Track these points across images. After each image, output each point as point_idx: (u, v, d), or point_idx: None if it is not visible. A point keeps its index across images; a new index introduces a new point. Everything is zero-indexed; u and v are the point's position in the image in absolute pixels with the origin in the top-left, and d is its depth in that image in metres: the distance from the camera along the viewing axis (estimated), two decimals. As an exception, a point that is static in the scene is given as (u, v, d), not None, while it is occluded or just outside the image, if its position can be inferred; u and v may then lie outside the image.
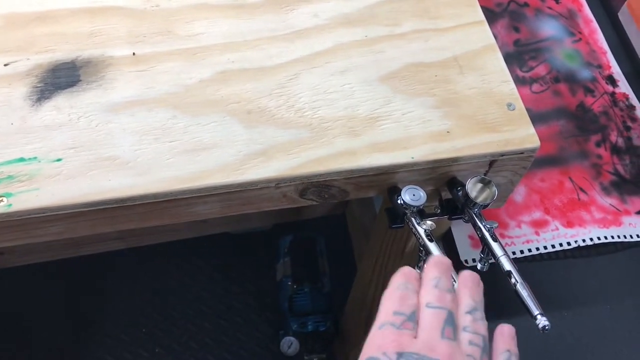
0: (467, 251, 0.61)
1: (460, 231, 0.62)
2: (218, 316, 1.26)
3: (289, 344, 1.14)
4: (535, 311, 0.41)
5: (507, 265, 0.45)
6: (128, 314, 1.24)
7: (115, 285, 1.26)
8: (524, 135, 0.51)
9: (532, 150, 0.51)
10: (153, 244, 1.24)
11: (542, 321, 0.41)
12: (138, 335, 1.23)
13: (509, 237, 0.62)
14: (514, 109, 0.52)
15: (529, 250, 0.62)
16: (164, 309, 1.25)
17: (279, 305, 1.22)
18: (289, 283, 1.20)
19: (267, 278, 1.29)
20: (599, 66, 0.76)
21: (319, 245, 1.23)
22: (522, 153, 0.51)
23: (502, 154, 0.50)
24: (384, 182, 0.51)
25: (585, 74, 0.75)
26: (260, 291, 1.28)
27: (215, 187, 0.46)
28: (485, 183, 0.48)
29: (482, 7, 0.59)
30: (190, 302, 1.27)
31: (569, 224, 0.64)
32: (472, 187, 0.48)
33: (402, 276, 0.38)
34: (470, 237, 0.62)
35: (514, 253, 0.61)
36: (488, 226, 0.47)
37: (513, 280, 0.44)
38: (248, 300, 1.28)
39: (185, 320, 1.25)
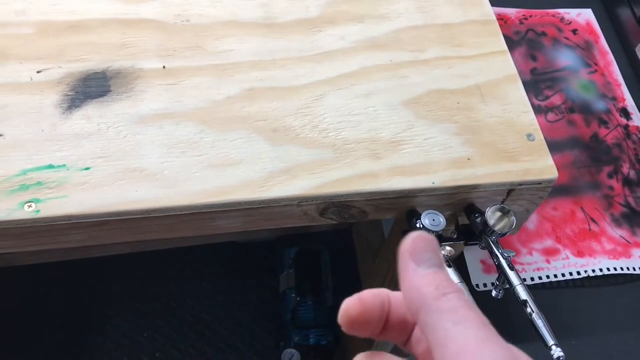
0: (479, 276, 0.62)
1: (473, 255, 0.63)
2: (219, 324, 1.26)
3: (290, 355, 1.15)
4: (551, 341, 0.42)
5: (524, 295, 0.45)
6: (129, 318, 1.25)
7: (117, 289, 1.27)
8: (542, 166, 0.52)
9: (550, 181, 0.52)
10: (158, 250, 1.25)
11: (557, 352, 0.41)
12: (139, 339, 1.24)
13: (520, 263, 0.63)
14: (533, 140, 0.53)
15: (539, 277, 0.63)
16: (165, 314, 1.26)
17: (281, 316, 1.23)
18: (293, 295, 1.20)
19: (269, 288, 1.29)
20: (614, 98, 0.77)
21: (323, 258, 1.24)
22: (540, 183, 0.52)
23: (521, 184, 0.51)
24: (404, 205, 0.51)
25: (599, 105, 0.76)
26: (262, 301, 1.29)
27: (239, 203, 0.47)
28: (504, 212, 0.49)
29: (503, 36, 0.60)
30: (192, 308, 1.27)
31: (580, 254, 0.65)
32: (491, 215, 0.49)
33: None
34: (482, 262, 0.63)
35: (524, 280, 0.62)
36: (505, 254, 0.48)
37: (529, 310, 0.44)
38: (250, 310, 1.28)
39: (185, 327, 1.25)
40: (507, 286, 0.48)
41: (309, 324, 1.18)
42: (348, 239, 1.31)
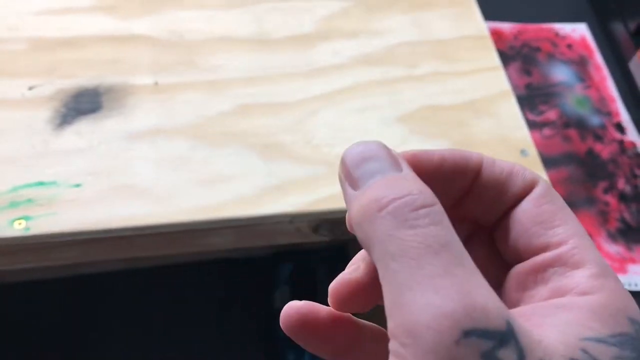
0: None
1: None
2: (213, 341, 1.25)
3: (285, 373, 1.14)
4: None
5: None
6: (123, 336, 1.23)
7: (111, 306, 1.26)
8: (537, 182, 0.52)
9: (545, 197, 0.51)
10: (152, 266, 1.24)
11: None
12: (132, 358, 1.23)
13: (516, 280, 0.63)
14: (527, 155, 0.53)
15: (535, 294, 0.62)
16: (159, 331, 1.25)
17: (276, 333, 1.22)
18: (288, 311, 1.19)
19: (264, 305, 1.28)
20: (608, 113, 0.77)
21: (319, 275, 1.23)
22: (534, 199, 0.51)
23: (515, 200, 0.51)
24: (397, 221, 0.51)
25: (594, 120, 0.76)
26: (257, 319, 1.28)
27: (231, 220, 0.47)
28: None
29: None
30: (186, 326, 1.26)
31: (575, 270, 0.64)
32: (485, 232, 0.49)
33: None
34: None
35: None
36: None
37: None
38: (244, 327, 1.28)
39: (180, 345, 1.24)
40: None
41: (305, 341, 1.17)
42: (343, 254, 1.30)
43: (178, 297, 1.28)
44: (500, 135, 0.54)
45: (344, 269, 0.29)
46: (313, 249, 1.30)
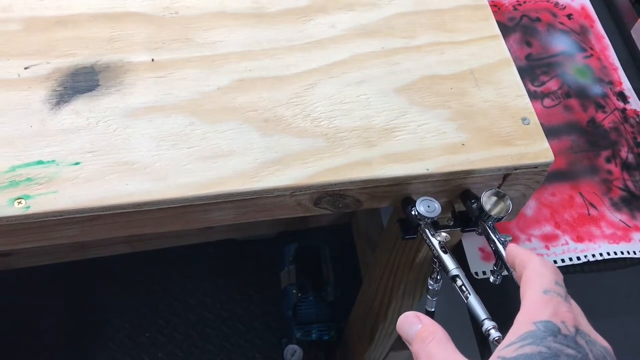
0: (478, 264, 0.61)
1: (471, 243, 0.62)
2: (221, 323, 1.26)
3: (293, 351, 1.14)
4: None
5: (521, 279, 0.45)
6: (131, 319, 1.24)
7: (119, 290, 1.26)
8: (538, 150, 0.51)
9: (546, 165, 0.51)
10: (158, 249, 1.25)
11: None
12: (141, 340, 1.24)
13: (519, 250, 0.62)
14: (528, 123, 0.53)
15: (539, 264, 0.62)
16: (167, 314, 1.26)
17: (282, 313, 1.22)
18: (294, 291, 1.20)
19: (270, 285, 1.29)
20: (610, 82, 0.76)
21: (323, 254, 1.23)
22: (536, 167, 0.51)
23: (516, 168, 0.51)
24: (398, 192, 0.51)
25: (596, 89, 0.75)
26: (263, 298, 1.29)
27: (231, 194, 0.47)
28: (500, 196, 0.49)
29: (495, 21, 0.59)
30: (193, 307, 1.27)
31: (579, 239, 0.64)
32: (487, 200, 0.49)
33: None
34: (481, 250, 0.62)
35: (523, 266, 0.61)
36: (502, 239, 0.48)
37: (527, 294, 0.44)
38: (251, 307, 1.28)
39: (187, 326, 1.25)
40: (505, 272, 0.48)
41: (311, 320, 1.17)
42: (347, 233, 1.30)
43: (185, 279, 1.29)
44: (501, 104, 0.53)
45: (347, 248, 0.33)
46: (316, 228, 1.30)
